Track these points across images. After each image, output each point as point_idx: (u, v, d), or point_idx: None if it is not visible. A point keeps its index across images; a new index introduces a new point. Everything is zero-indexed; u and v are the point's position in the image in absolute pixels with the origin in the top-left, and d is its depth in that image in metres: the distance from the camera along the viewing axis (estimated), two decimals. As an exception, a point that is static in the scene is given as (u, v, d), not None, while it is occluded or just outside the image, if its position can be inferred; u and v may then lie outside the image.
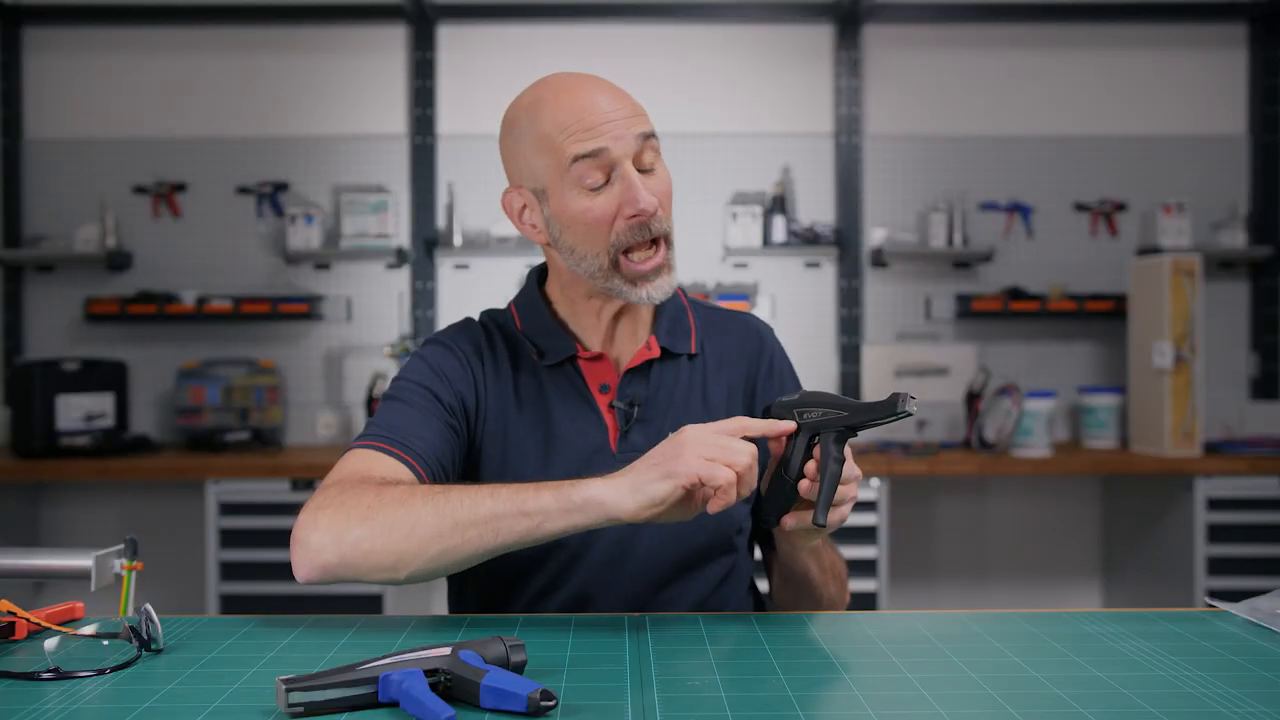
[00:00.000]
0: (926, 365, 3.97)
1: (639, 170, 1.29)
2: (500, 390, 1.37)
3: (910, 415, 1.07)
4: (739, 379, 1.44)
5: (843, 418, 1.12)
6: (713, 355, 1.44)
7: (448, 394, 1.34)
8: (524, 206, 1.35)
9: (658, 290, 1.31)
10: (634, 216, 1.27)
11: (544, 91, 1.31)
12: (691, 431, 1.10)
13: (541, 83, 1.33)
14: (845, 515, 1.16)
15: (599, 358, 1.38)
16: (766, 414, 1.18)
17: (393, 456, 1.25)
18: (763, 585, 1.53)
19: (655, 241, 1.30)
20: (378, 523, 1.12)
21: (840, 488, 1.12)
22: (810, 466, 1.13)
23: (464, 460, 1.36)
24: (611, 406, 1.37)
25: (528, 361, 1.39)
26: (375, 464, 1.24)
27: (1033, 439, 3.61)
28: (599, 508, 1.09)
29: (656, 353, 1.39)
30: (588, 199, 1.27)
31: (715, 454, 1.07)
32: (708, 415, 1.37)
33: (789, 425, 1.15)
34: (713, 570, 1.37)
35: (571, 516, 1.10)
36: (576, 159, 1.26)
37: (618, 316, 1.38)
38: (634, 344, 1.40)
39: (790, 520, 1.17)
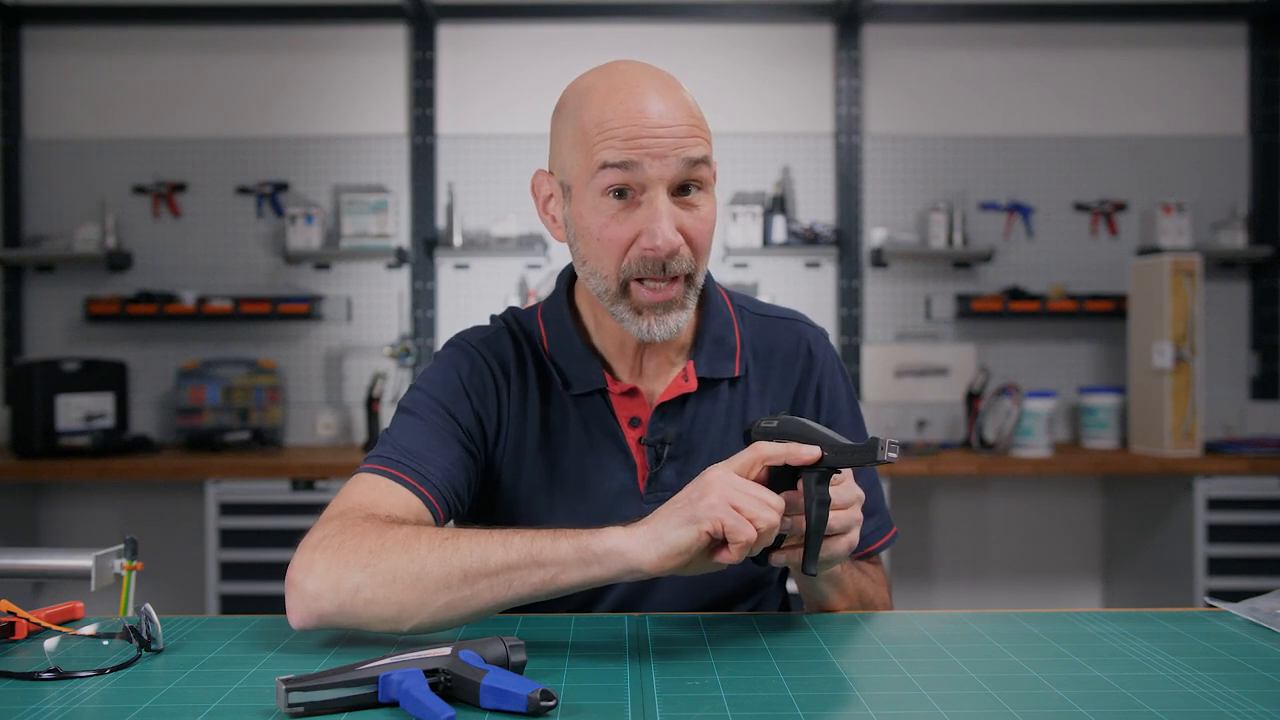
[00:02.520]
0: (926, 365, 3.97)
1: (678, 197, 1.16)
2: (524, 417, 1.27)
3: (892, 462, 0.99)
4: (783, 401, 1.32)
5: (824, 458, 1.02)
6: (756, 375, 1.32)
7: (467, 415, 1.24)
8: (550, 196, 1.25)
9: (662, 327, 1.19)
10: (649, 250, 1.15)
11: (601, 80, 1.18)
12: (717, 474, 1.01)
13: (606, 68, 1.21)
14: (854, 542, 1.07)
15: (632, 392, 1.26)
16: (746, 437, 1.09)
17: (404, 485, 1.16)
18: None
19: (675, 276, 1.18)
20: (379, 570, 1.02)
21: (843, 514, 1.04)
22: (790, 497, 1.04)
23: (479, 483, 1.26)
24: (641, 443, 1.26)
25: (555, 387, 1.28)
26: (383, 495, 1.15)
27: (1033, 439, 3.61)
28: (619, 559, 1.00)
29: (693, 386, 1.26)
30: (607, 214, 1.16)
31: (743, 504, 0.98)
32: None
33: (813, 452, 1.02)
34: (739, 610, 1.30)
35: (590, 569, 1.01)
36: (605, 166, 1.14)
37: (644, 341, 1.25)
38: (669, 369, 1.28)
39: (779, 558, 1.07)
